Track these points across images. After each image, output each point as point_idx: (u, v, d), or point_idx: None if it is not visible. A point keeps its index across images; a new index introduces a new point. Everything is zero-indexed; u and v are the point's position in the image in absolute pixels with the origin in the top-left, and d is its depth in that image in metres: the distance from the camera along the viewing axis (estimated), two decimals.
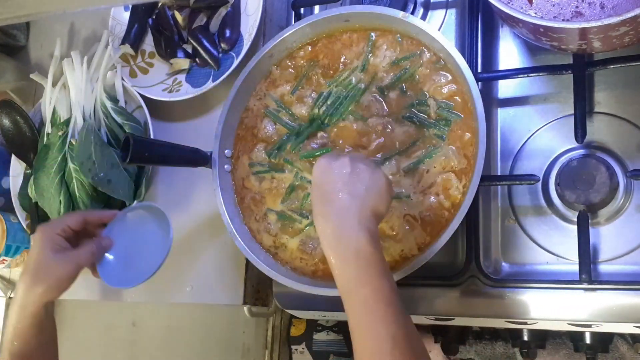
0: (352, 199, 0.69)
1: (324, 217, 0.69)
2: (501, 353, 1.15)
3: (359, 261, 0.66)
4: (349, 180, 0.70)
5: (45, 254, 0.89)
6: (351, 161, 0.72)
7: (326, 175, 0.72)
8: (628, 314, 0.80)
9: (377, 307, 0.64)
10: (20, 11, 0.80)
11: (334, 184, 0.71)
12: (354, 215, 0.68)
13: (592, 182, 0.85)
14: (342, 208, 0.69)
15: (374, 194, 0.71)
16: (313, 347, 1.30)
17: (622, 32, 0.74)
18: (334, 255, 0.67)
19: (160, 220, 0.94)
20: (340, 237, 0.67)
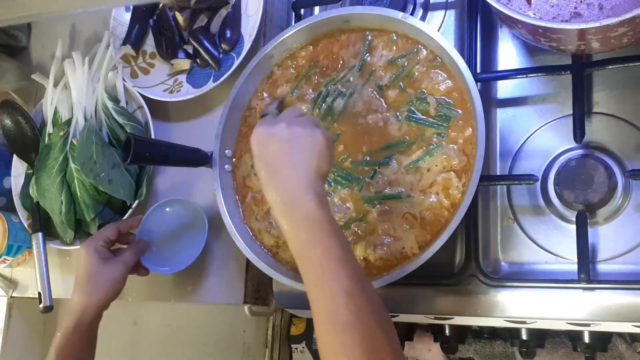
0: (295, 165, 0.70)
1: (272, 187, 0.70)
2: (500, 352, 1.16)
3: (309, 224, 0.67)
4: (288, 146, 0.71)
5: (95, 264, 0.95)
6: (288, 126, 0.73)
7: (266, 145, 0.73)
8: (626, 313, 0.80)
9: (329, 266, 0.65)
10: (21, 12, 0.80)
11: (274, 153, 0.72)
12: (299, 180, 0.69)
13: (591, 182, 0.85)
14: (287, 176, 0.70)
15: (316, 155, 0.71)
16: (313, 346, 1.30)
17: (620, 33, 0.74)
18: (285, 221, 0.69)
19: (194, 212, 1.04)
20: (288, 204, 0.69)
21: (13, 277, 1.25)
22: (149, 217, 1.06)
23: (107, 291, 0.95)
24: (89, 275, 0.95)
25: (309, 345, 1.31)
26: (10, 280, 1.25)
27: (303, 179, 0.70)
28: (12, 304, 1.32)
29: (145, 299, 1.12)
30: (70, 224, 1.11)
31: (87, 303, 0.93)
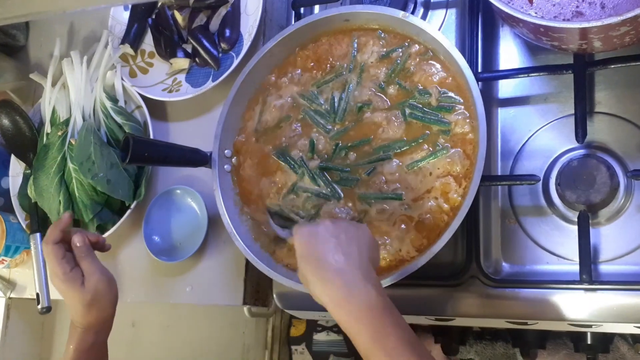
0: (349, 257, 0.68)
1: (326, 282, 0.67)
2: (501, 353, 1.15)
3: (375, 314, 0.65)
4: (337, 241, 0.69)
5: (76, 290, 0.91)
6: (333, 223, 0.72)
7: (312, 243, 0.70)
8: (628, 314, 0.80)
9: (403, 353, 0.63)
10: (19, 11, 0.80)
11: (324, 249, 0.69)
12: (356, 271, 0.67)
13: (593, 182, 0.85)
14: (341, 269, 0.67)
15: (366, 246, 0.71)
16: (313, 348, 1.30)
17: (622, 32, 0.74)
18: (347, 317, 0.66)
19: (196, 201, 1.06)
20: (348, 297, 0.66)
21: (11, 278, 1.24)
22: (154, 205, 1.08)
23: (109, 303, 0.93)
24: (85, 303, 0.91)
25: (309, 347, 1.30)
26: (9, 281, 1.24)
27: (359, 269, 0.67)
28: (11, 305, 1.32)
29: (144, 299, 1.11)
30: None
31: (97, 323, 0.92)
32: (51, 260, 0.91)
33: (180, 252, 1.06)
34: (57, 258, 0.91)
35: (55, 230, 0.93)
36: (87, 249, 0.94)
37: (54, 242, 0.92)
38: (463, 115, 0.86)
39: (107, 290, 0.92)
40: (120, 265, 1.13)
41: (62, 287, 0.91)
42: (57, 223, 0.94)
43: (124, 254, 1.13)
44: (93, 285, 0.91)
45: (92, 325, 0.92)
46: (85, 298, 0.90)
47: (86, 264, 0.92)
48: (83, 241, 0.94)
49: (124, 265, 1.13)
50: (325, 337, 1.30)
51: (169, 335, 1.45)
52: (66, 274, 0.90)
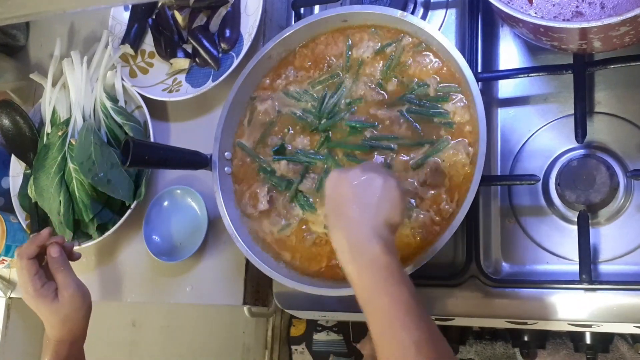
0: (364, 209, 0.69)
1: (338, 230, 0.69)
2: (501, 353, 1.15)
3: (375, 270, 0.66)
4: (360, 191, 0.70)
5: (54, 304, 0.91)
6: (362, 171, 0.72)
7: (338, 187, 0.72)
8: (628, 314, 0.80)
9: (397, 315, 0.63)
10: (20, 11, 0.80)
11: (346, 196, 0.70)
12: (367, 225, 0.68)
13: (593, 182, 0.85)
14: (354, 219, 0.69)
15: (386, 202, 0.70)
16: (313, 347, 1.30)
17: (622, 32, 0.74)
18: (351, 266, 0.67)
19: (196, 201, 1.06)
20: (354, 248, 0.67)
21: (11, 278, 1.25)
22: (154, 205, 1.08)
23: (83, 316, 0.93)
24: (58, 318, 0.91)
25: (309, 346, 1.30)
26: (9, 281, 1.25)
27: (370, 223, 0.68)
28: (11, 305, 1.32)
29: (144, 299, 1.11)
30: (68, 224, 1.10)
31: (71, 336, 0.92)
32: (23, 276, 0.91)
33: (181, 252, 1.06)
34: (30, 274, 0.91)
35: (32, 245, 0.92)
36: (63, 260, 0.94)
37: (28, 257, 0.91)
38: (461, 103, 0.87)
39: (80, 304, 0.92)
40: (120, 265, 1.14)
41: (33, 303, 0.91)
42: (35, 238, 0.94)
43: (124, 254, 1.13)
44: (67, 300, 0.91)
45: (66, 338, 0.92)
46: (58, 313, 0.90)
47: (61, 276, 0.92)
48: (59, 252, 0.93)
49: (124, 265, 1.13)
50: (325, 337, 1.30)
51: (169, 335, 1.46)
52: (37, 291, 0.90)
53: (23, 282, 0.91)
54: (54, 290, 0.92)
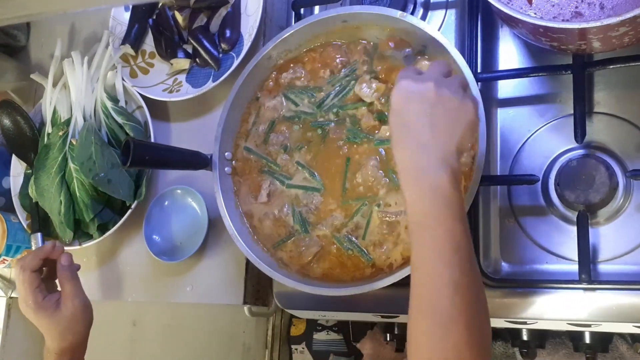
0: (435, 132, 0.64)
1: (404, 148, 0.65)
2: (501, 353, 1.16)
3: (436, 198, 0.62)
4: (433, 110, 0.65)
5: (56, 315, 0.91)
6: (436, 86, 0.66)
7: (408, 101, 0.66)
8: (627, 314, 0.80)
9: (445, 249, 0.60)
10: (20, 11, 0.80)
11: (416, 113, 0.65)
12: (437, 150, 0.63)
13: (592, 182, 0.85)
14: (424, 142, 0.64)
15: (460, 127, 0.65)
16: (313, 347, 1.30)
17: (621, 33, 0.74)
18: (412, 186, 0.63)
19: (196, 200, 1.06)
20: (419, 171, 0.63)
21: (12, 278, 1.25)
22: (155, 205, 1.08)
23: (84, 328, 0.93)
24: (59, 330, 0.91)
25: (309, 346, 1.30)
26: (9, 281, 1.25)
27: (441, 149, 0.63)
28: (11, 305, 1.32)
29: (145, 299, 1.12)
30: (69, 224, 1.10)
31: (72, 347, 0.92)
32: (25, 289, 0.90)
33: (181, 252, 1.06)
34: (32, 287, 0.90)
35: (36, 258, 0.92)
36: (73, 271, 0.94)
37: (31, 270, 0.91)
38: None
39: (82, 316, 0.92)
40: (121, 264, 1.14)
41: (32, 316, 0.90)
42: (39, 251, 0.93)
43: (125, 253, 1.14)
44: (70, 310, 0.90)
45: (67, 350, 0.91)
46: (58, 324, 0.90)
47: (69, 286, 0.92)
48: (70, 262, 0.93)
49: (125, 264, 1.13)
50: (325, 336, 1.30)
51: (170, 334, 1.46)
52: (37, 303, 0.89)
53: (24, 294, 0.90)
54: (55, 302, 0.91)
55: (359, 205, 0.89)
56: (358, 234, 0.89)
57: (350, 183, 0.91)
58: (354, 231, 0.89)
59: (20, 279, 0.90)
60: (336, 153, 0.93)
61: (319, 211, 0.92)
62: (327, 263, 0.90)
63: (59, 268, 0.93)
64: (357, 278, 0.87)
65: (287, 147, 0.96)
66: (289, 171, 0.95)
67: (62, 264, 0.93)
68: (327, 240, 0.90)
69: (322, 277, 0.89)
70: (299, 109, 0.97)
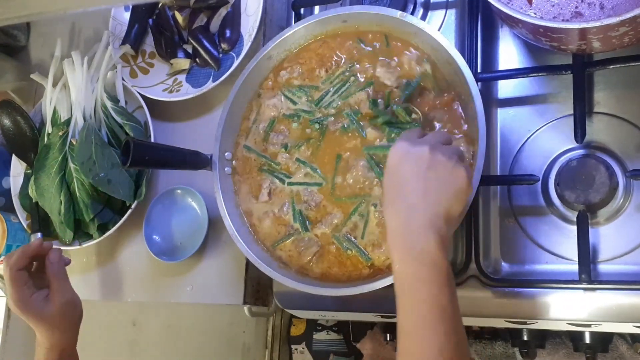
0: (426, 195, 0.65)
1: (395, 210, 0.66)
2: (501, 353, 1.16)
3: (423, 264, 0.62)
4: (425, 173, 0.66)
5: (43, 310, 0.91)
6: (431, 151, 0.67)
7: (402, 161, 0.67)
8: (627, 314, 0.80)
9: (430, 316, 0.61)
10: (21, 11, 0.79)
11: (408, 175, 0.66)
12: (426, 213, 0.64)
13: (592, 182, 0.85)
14: (414, 203, 0.65)
15: (450, 193, 0.66)
16: (313, 347, 1.30)
17: (621, 33, 0.74)
18: (397, 250, 0.64)
19: (196, 200, 1.06)
20: (406, 234, 0.64)
21: None
22: (155, 205, 1.08)
23: (73, 323, 0.94)
24: (47, 326, 0.91)
25: (309, 346, 1.30)
26: None
27: (430, 212, 0.64)
28: None
29: (145, 299, 1.12)
30: (69, 224, 1.10)
31: (61, 343, 0.92)
32: (13, 287, 0.90)
33: (181, 252, 1.06)
34: (19, 285, 0.90)
35: (23, 257, 0.92)
36: (62, 267, 0.94)
37: (18, 268, 0.91)
38: None
39: (71, 312, 0.93)
40: (121, 265, 1.14)
41: (20, 313, 0.91)
42: (26, 249, 0.94)
43: (125, 253, 1.14)
44: (57, 307, 0.91)
45: (56, 345, 0.92)
46: (46, 321, 0.90)
47: (57, 283, 0.92)
48: (59, 258, 0.94)
49: (125, 265, 1.13)
50: (325, 336, 1.30)
51: (170, 334, 1.46)
52: (25, 301, 0.90)
53: (12, 292, 0.91)
54: (44, 299, 0.92)
55: (356, 204, 0.89)
56: (357, 234, 0.89)
57: (343, 177, 0.91)
58: (352, 231, 0.89)
59: (7, 277, 0.91)
60: (337, 145, 0.93)
61: (319, 209, 0.92)
62: (327, 263, 0.90)
63: (47, 265, 0.94)
64: (356, 278, 0.87)
65: (287, 146, 0.96)
66: (289, 169, 0.95)
67: (50, 261, 0.93)
68: (326, 240, 0.90)
69: (321, 276, 0.89)
70: (297, 107, 0.97)
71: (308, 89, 0.97)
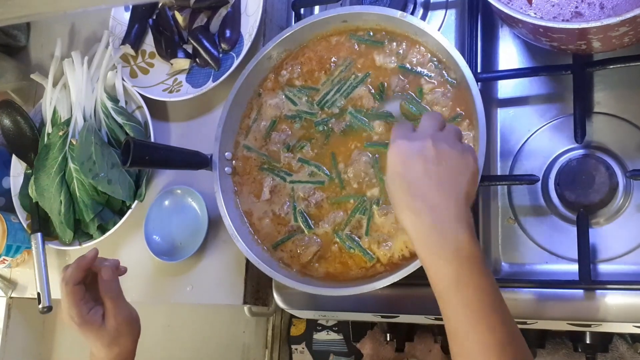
0: (443, 191, 0.62)
1: (415, 213, 0.62)
2: None
3: (460, 260, 0.59)
4: (436, 169, 0.63)
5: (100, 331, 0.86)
6: (434, 143, 0.64)
7: (407, 162, 0.64)
8: (627, 314, 0.80)
9: (481, 310, 0.58)
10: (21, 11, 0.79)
11: (419, 174, 0.63)
12: (451, 209, 0.61)
13: (592, 182, 0.85)
14: (435, 203, 0.62)
15: (465, 180, 0.64)
16: (313, 347, 1.30)
17: (621, 33, 0.74)
18: (430, 253, 0.61)
19: (196, 200, 1.06)
20: (437, 235, 0.61)
21: (12, 278, 1.25)
22: (155, 205, 1.08)
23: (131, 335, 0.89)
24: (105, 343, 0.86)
25: (309, 346, 1.30)
26: (10, 281, 1.25)
27: (454, 207, 0.62)
28: (12, 305, 1.32)
29: (144, 299, 1.12)
30: (69, 224, 1.10)
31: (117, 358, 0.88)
32: (69, 302, 0.84)
33: (181, 252, 1.06)
34: (75, 300, 0.84)
35: (79, 270, 0.85)
36: (115, 284, 0.88)
37: (74, 282, 0.84)
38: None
39: (128, 330, 0.87)
40: (121, 265, 1.14)
41: (78, 330, 0.85)
42: (81, 261, 0.86)
43: (125, 253, 1.14)
44: (114, 326, 0.85)
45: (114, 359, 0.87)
46: (105, 338, 0.85)
47: (111, 303, 0.86)
48: (112, 275, 0.87)
49: (125, 265, 1.13)
50: (325, 336, 1.30)
51: (170, 334, 1.46)
52: (83, 317, 0.84)
53: (68, 308, 0.85)
54: (102, 315, 0.86)
55: (357, 202, 0.89)
56: (360, 232, 0.89)
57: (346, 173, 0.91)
58: (355, 229, 0.89)
59: (63, 292, 0.85)
60: (343, 145, 0.93)
61: (321, 207, 0.92)
62: (328, 262, 0.90)
63: (100, 283, 0.87)
64: (358, 277, 0.87)
65: (289, 146, 0.96)
66: (292, 168, 0.95)
67: (104, 279, 0.86)
68: (328, 239, 0.90)
69: (323, 276, 0.89)
70: (299, 108, 0.97)
71: (307, 90, 0.97)
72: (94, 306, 0.87)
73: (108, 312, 0.86)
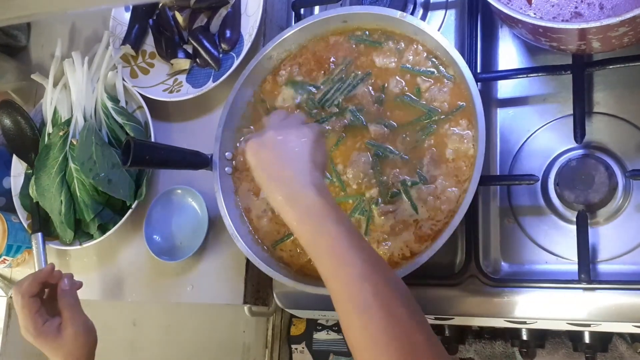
0: (289, 165, 0.72)
1: (273, 191, 0.72)
2: (500, 352, 1.16)
3: (312, 216, 0.68)
4: (280, 150, 0.73)
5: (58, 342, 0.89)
6: (275, 132, 0.75)
7: (259, 155, 0.74)
8: (627, 314, 0.80)
9: (339, 252, 0.65)
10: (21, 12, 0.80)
11: (269, 160, 0.73)
12: (297, 177, 0.71)
13: (591, 182, 0.85)
14: (284, 176, 0.72)
15: (307, 150, 0.73)
16: (313, 347, 1.30)
17: (621, 33, 0.74)
18: (290, 219, 0.69)
19: (196, 200, 1.07)
20: (290, 199, 0.70)
21: (12, 277, 1.25)
22: (155, 205, 1.08)
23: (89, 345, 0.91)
24: (62, 354, 0.89)
25: (309, 346, 1.30)
26: (10, 281, 1.25)
27: (300, 174, 0.71)
28: (12, 304, 1.32)
29: (145, 299, 1.12)
30: (69, 224, 1.11)
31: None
32: (24, 314, 0.88)
33: (181, 252, 1.06)
34: (31, 312, 0.88)
35: (35, 283, 0.89)
36: (73, 295, 0.92)
37: (30, 295, 0.88)
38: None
39: (84, 341, 0.90)
40: (121, 265, 1.14)
41: (34, 342, 0.89)
42: (38, 275, 0.91)
43: (125, 253, 1.14)
44: (71, 336, 0.88)
45: None
46: (60, 349, 0.88)
47: (68, 313, 0.90)
48: (70, 286, 0.91)
49: (125, 265, 1.14)
50: (325, 336, 1.30)
51: (170, 334, 1.46)
52: (38, 329, 0.88)
53: (24, 320, 0.88)
54: (57, 327, 0.89)
55: (356, 202, 0.89)
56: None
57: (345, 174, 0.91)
58: None
59: (19, 305, 0.88)
60: (342, 144, 0.94)
61: None
62: None
63: (59, 292, 0.91)
64: None
65: None
66: None
67: (62, 289, 0.91)
68: None
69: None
70: (299, 103, 0.97)
71: (309, 86, 0.97)
72: (49, 319, 0.89)
73: (65, 321, 0.89)
